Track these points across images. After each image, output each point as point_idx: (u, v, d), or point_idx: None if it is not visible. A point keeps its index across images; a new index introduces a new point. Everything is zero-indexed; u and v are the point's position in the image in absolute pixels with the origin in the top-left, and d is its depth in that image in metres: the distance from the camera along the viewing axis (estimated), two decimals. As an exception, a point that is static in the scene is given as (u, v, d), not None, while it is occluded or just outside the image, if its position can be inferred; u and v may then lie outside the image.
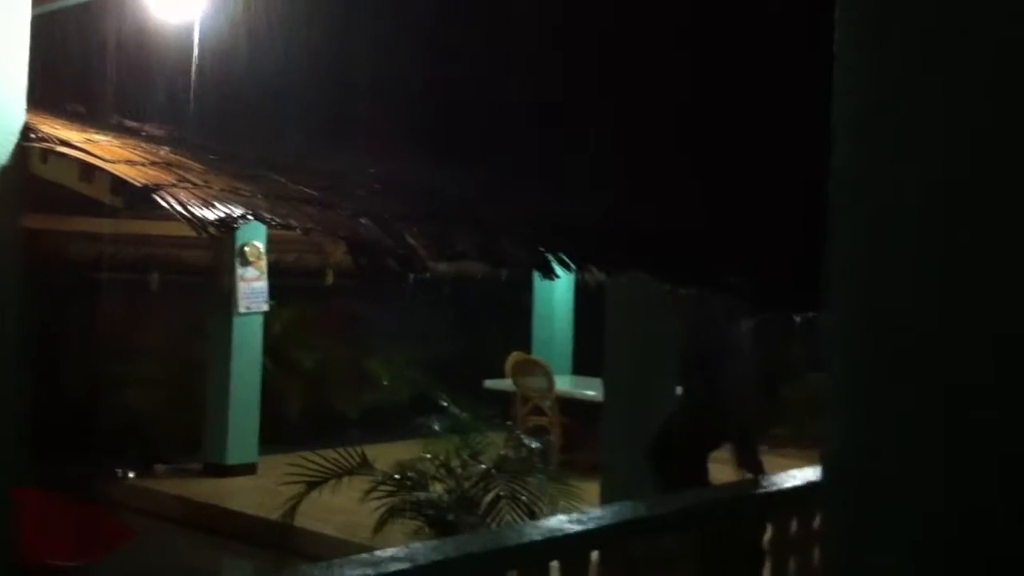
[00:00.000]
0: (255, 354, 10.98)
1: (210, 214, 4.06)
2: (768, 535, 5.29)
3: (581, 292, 13.22)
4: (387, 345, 13.44)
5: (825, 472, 2.40)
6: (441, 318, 13.47)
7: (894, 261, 2.28)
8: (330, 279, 12.74)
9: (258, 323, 10.99)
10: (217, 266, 10.85)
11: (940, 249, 2.20)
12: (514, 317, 13.61)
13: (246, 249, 10.67)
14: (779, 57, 4.73)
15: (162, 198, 4.08)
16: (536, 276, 13.00)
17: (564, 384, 11.85)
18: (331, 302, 12.91)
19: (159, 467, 10.79)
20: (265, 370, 11.13)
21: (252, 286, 10.81)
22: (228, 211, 4.09)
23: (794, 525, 5.41)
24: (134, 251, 11.16)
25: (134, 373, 11.32)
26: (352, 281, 12.67)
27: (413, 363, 13.42)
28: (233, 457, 10.74)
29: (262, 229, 10.51)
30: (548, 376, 11.46)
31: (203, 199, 4.13)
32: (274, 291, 11.06)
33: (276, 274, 11.15)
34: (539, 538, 4.02)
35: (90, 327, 11.35)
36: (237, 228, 4.24)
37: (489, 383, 11.87)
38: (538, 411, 11.43)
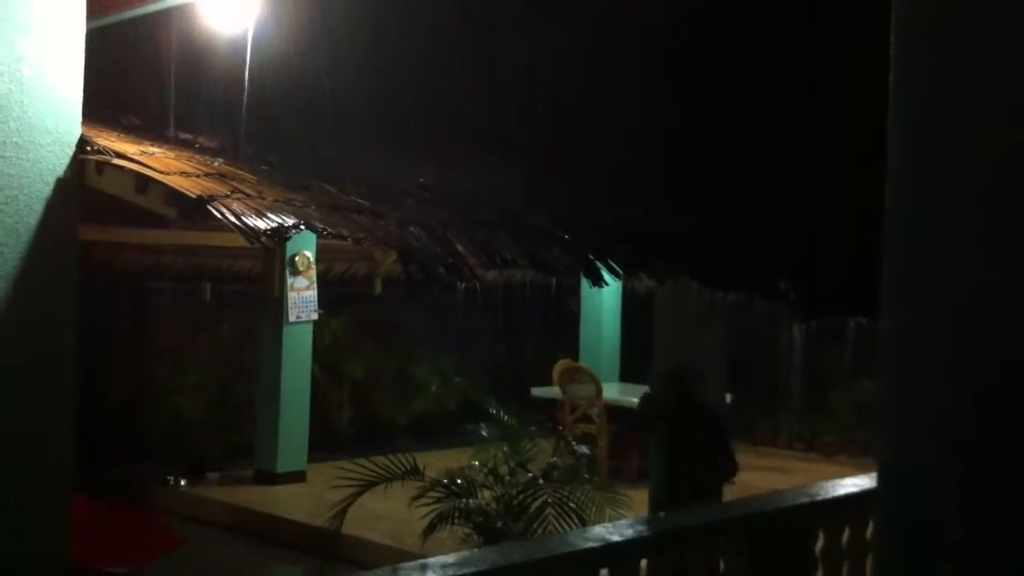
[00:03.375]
0: (305, 362, 11.05)
1: (263, 224, 4.11)
2: (820, 543, 5.26)
3: (629, 299, 13.20)
4: (435, 353, 13.47)
5: (881, 478, 2.39)
6: (488, 326, 13.48)
7: (950, 264, 2.25)
8: (378, 288, 12.79)
9: (308, 332, 11.06)
10: (267, 276, 10.93)
11: (998, 252, 2.18)
12: (561, 324, 13.60)
13: (296, 259, 10.75)
14: (825, 64, 4.71)
15: (216, 209, 4.13)
16: (584, 283, 13.04)
17: (611, 391, 11.82)
18: (379, 311, 12.96)
19: (210, 474, 10.87)
20: (314, 378, 11.19)
21: (302, 295, 10.88)
22: (281, 221, 4.14)
23: (846, 533, 5.37)
24: (185, 261, 11.27)
25: (186, 381, 11.43)
26: (400, 290, 12.71)
27: (461, 371, 13.44)
28: (283, 465, 10.81)
29: (312, 239, 10.59)
30: (596, 383, 11.44)
31: (256, 209, 4.18)
32: (323, 300, 11.13)
33: (325, 283, 11.22)
34: (588, 546, 4.03)
35: (143, 336, 11.49)
36: (290, 238, 4.28)
37: (536, 390, 11.87)
38: (585, 418, 11.41)
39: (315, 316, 11.06)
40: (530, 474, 7.30)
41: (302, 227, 4.28)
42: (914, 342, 2.33)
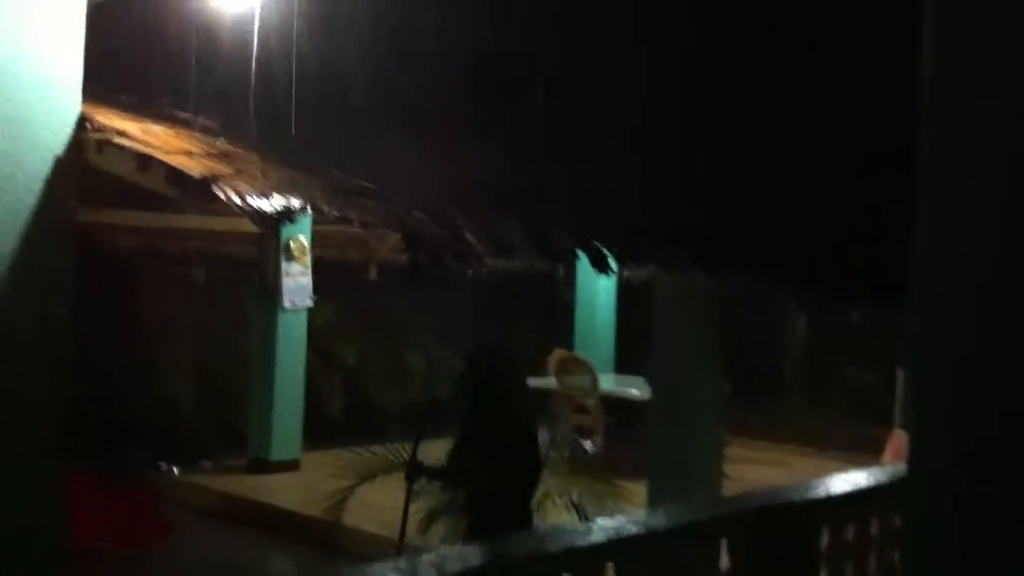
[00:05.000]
0: (299, 349, 10.96)
1: (267, 205, 4.02)
2: (825, 540, 5.20)
3: (624, 289, 13.14)
4: (430, 341, 13.39)
5: (910, 469, 2.34)
6: (484, 314, 13.39)
7: (983, 255, 2.20)
8: (373, 274, 12.71)
9: (302, 318, 10.96)
10: (262, 261, 10.83)
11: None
12: (556, 313, 13.54)
13: (291, 244, 10.65)
14: (837, 48, 4.64)
15: (219, 189, 4.03)
16: (578, 271, 12.98)
17: (606, 382, 11.75)
18: (374, 297, 12.88)
19: (203, 462, 10.78)
20: (308, 365, 11.10)
21: (297, 281, 10.78)
22: (286, 202, 4.04)
23: (851, 530, 5.31)
24: (180, 246, 11.18)
25: (179, 368, 11.33)
26: (395, 276, 12.65)
27: (455, 359, 13.36)
28: (277, 453, 10.72)
29: (307, 224, 10.49)
30: (592, 374, 11.36)
31: (260, 191, 4.08)
32: (317, 287, 11.03)
33: (319, 270, 11.12)
34: (593, 540, 3.95)
35: (136, 321, 11.38)
36: (295, 220, 4.19)
37: (532, 381, 11.78)
38: (581, 409, 11.34)
39: (310, 303, 10.96)
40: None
41: (308, 209, 4.19)
42: (939, 335, 2.28)
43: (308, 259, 10.85)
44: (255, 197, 4.01)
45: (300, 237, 10.69)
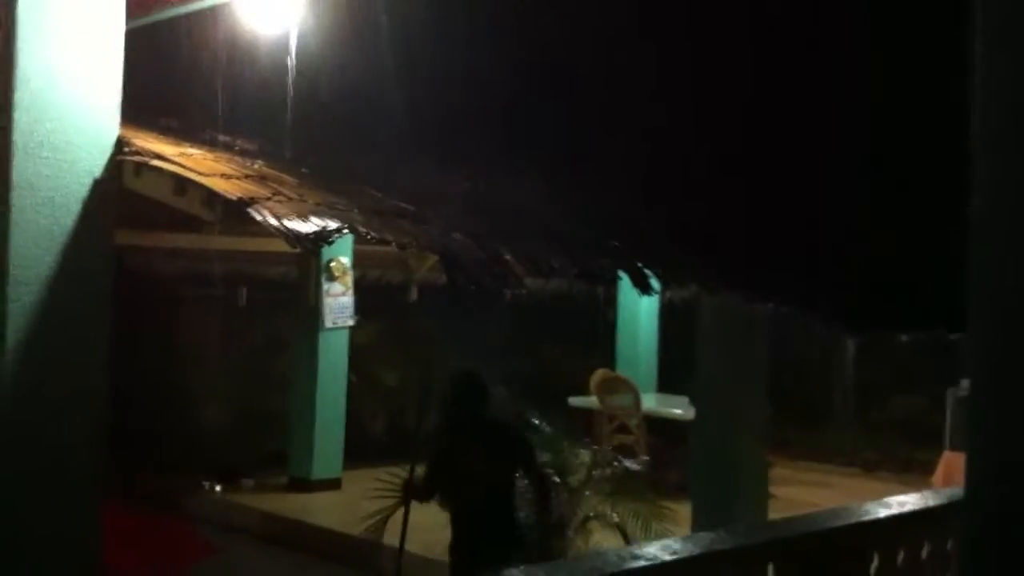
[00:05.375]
0: (340, 369, 10.96)
1: (304, 228, 3.98)
2: (875, 565, 5.08)
3: (666, 309, 13.04)
4: (471, 361, 13.32)
5: (968, 490, 2.28)
6: (525, 334, 13.33)
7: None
8: (414, 295, 12.69)
9: (344, 338, 10.96)
10: (303, 281, 10.85)
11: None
12: (598, 333, 13.44)
13: (332, 264, 10.65)
14: (888, 72, 4.55)
15: (256, 211, 4.01)
16: (621, 292, 12.89)
17: (649, 402, 11.65)
18: (414, 318, 12.86)
19: (245, 481, 10.78)
20: (349, 385, 11.09)
21: (338, 301, 10.79)
22: (323, 224, 4.01)
23: (901, 555, 5.19)
24: (220, 267, 11.20)
25: (222, 387, 11.36)
26: (436, 297, 12.62)
27: (497, 379, 13.29)
28: (318, 472, 10.71)
29: (348, 245, 10.50)
30: (634, 394, 11.27)
31: (298, 213, 4.05)
32: (358, 307, 11.03)
33: (361, 290, 11.12)
34: (630, 567, 3.88)
35: (178, 342, 11.42)
36: (332, 242, 4.15)
37: (574, 400, 11.71)
38: (623, 429, 11.24)
39: (351, 322, 10.96)
40: (572, 486, 7.17)
41: (345, 231, 4.15)
42: (1000, 355, 2.22)
43: (349, 279, 10.86)
44: (292, 219, 3.98)
45: (341, 258, 10.70)
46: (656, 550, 4.08)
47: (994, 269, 2.24)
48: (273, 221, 3.97)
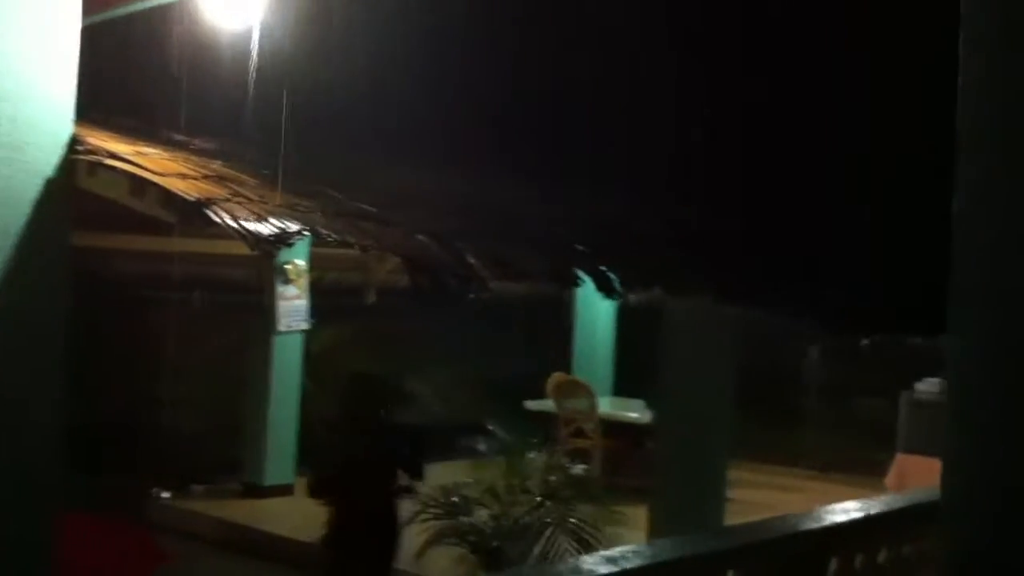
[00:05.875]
0: (294, 373, 10.85)
1: (264, 229, 3.91)
2: (833, 568, 5.09)
3: (622, 312, 13.05)
4: (428, 365, 13.27)
5: (945, 490, 2.29)
6: (482, 338, 13.28)
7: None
8: (372, 298, 12.60)
9: (298, 342, 10.85)
10: (258, 285, 10.73)
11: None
12: (554, 337, 13.42)
13: (287, 267, 10.55)
14: (860, 63, 4.54)
15: (215, 213, 3.93)
16: (578, 295, 12.88)
17: (605, 406, 11.64)
18: (372, 321, 12.77)
19: (196, 487, 10.64)
20: (304, 390, 10.97)
21: (292, 304, 10.68)
22: (283, 226, 3.94)
23: (859, 559, 5.21)
24: (175, 269, 11.05)
25: (173, 392, 11.20)
26: (393, 300, 12.54)
27: (455, 383, 13.25)
28: (271, 478, 10.59)
29: (304, 247, 10.39)
30: (591, 398, 11.26)
31: (257, 214, 3.98)
32: (314, 310, 10.91)
33: (318, 293, 11.01)
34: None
35: (130, 345, 11.24)
36: (292, 244, 4.08)
37: (531, 404, 11.67)
38: (580, 433, 11.22)
39: (305, 326, 10.85)
40: (528, 492, 7.13)
41: (306, 233, 4.08)
42: (983, 355, 2.22)
43: (304, 282, 10.75)
44: (251, 220, 3.91)
45: (296, 260, 10.59)
46: (604, 561, 4.05)
47: (975, 269, 2.23)
48: (231, 222, 3.89)
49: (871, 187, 4.30)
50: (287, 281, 10.61)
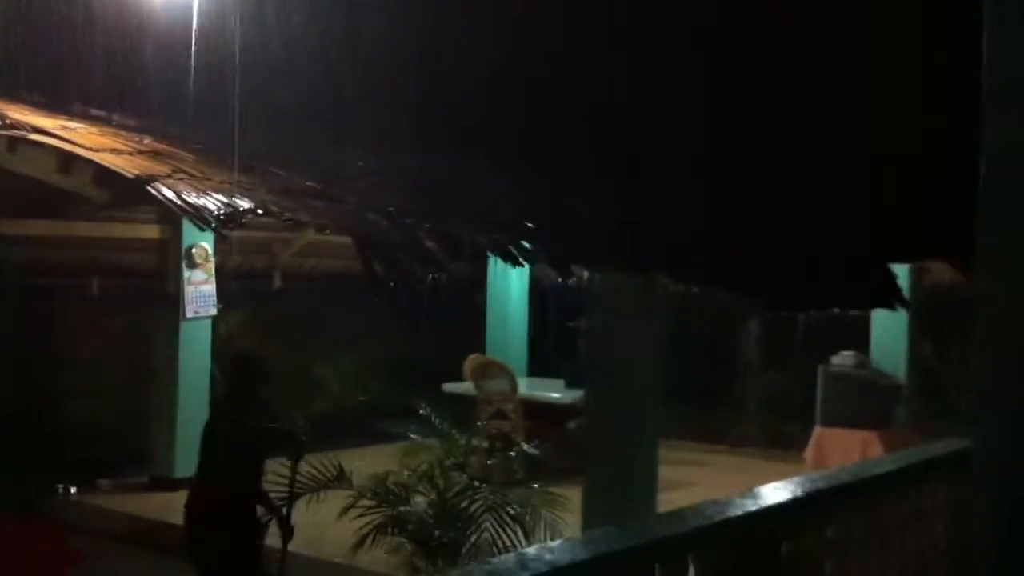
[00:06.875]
0: (203, 361, 10.46)
1: (212, 206, 3.63)
2: (785, 549, 5.02)
3: (535, 290, 12.96)
4: (337, 349, 12.99)
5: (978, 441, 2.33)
6: (393, 320, 13.03)
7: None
8: (278, 282, 12.25)
9: (206, 328, 10.47)
10: (163, 269, 10.31)
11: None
12: (467, 318, 13.24)
13: (193, 251, 10.15)
14: (807, 39, 4.47)
15: (157, 190, 3.63)
16: (489, 274, 12.72)
17: (525, 386, 11.50)
18: (278, 306, 12.42)
19: (103, 482, 10.20)
20: (213, 378, 10.59)
21: (200, 289, 10.28)
22: (234, 204, 3.67)
23: (809, 537, 5.15)
24: (74, 255, 10.56)
25: (75, 383, 10.73)
26: (300, 284, 12.24)
27: (364, 367, 13.00)
28: (181, 470, 10.12)
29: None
30: (510, 378, 11.10)
31: (203, 191, 3.70)
32: (221, 295, 10.53)
33: (221, 277, 10.61)
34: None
35: (28, 336, 10.72)
36: (245, 222, 3.82)
37: (448, 386, 11.47)
38: (501, 414, 11.05)
39: (214, 311, 10.48)
40: (465, 477, 6.94)
41: (259, 211, 3.82)
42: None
43: (212, 266, 10.37)
44: (198, 198, 3.63)
45: (203, 244, 10.20)
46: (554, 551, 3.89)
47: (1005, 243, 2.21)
48: (176, 199, 3.61)
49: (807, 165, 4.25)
50: (193, 265, 10.22)
